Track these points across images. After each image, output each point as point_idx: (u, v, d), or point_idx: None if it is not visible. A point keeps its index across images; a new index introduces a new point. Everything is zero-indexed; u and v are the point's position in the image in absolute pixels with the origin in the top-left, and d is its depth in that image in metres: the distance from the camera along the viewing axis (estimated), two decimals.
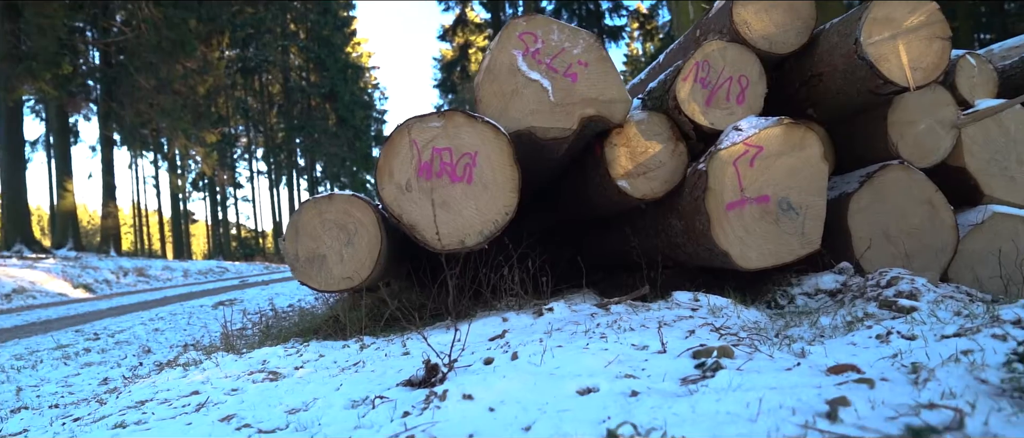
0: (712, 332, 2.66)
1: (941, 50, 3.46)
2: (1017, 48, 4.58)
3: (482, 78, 3.51)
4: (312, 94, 42.89)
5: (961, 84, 4.18)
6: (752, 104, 3.63)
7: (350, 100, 42.46)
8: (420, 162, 3.29)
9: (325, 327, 3.91)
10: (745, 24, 3.66)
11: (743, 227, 3.33)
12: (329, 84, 42.13)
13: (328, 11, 44.40)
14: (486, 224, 3.30)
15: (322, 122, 43.04)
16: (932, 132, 3.92)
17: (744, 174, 3.32)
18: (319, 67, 42.86)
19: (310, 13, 43.99)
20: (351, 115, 42.30)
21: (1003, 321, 2.13)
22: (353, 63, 46.06)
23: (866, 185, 3.62)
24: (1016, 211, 3.86)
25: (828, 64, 3.62)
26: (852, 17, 3.51)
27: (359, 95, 45.17)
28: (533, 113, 3.46)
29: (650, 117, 3.65)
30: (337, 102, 41.89)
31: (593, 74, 3.50)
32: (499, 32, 3.55)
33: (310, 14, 44.05)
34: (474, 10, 32.88)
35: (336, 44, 44.13)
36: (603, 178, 3.65)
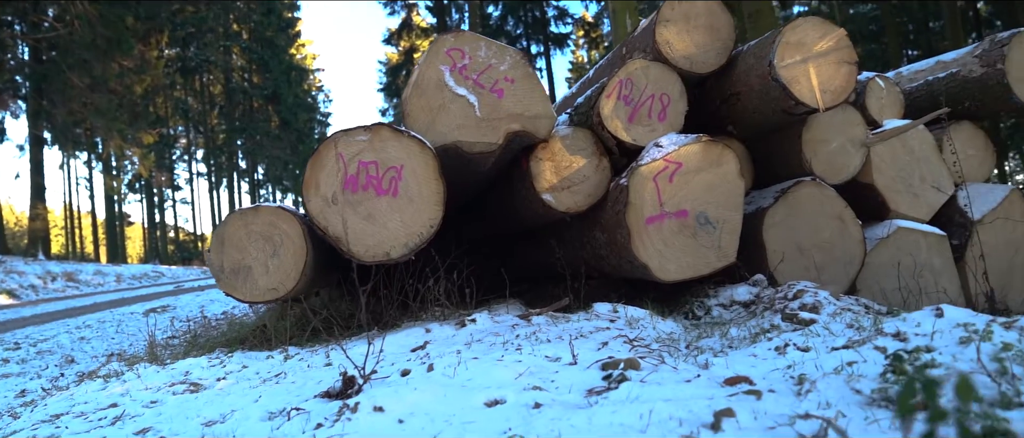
0: (625, 344, 2.76)
1: (848, 74, 3.65)
2: (923, 71, 4.84)
3: (410, 92, 3.56)
4: (254, 96, 42.14)
5: (871, 105, 4.41)
6: (673, 121, 3.76)
7: (293, 102, 41.87)
8: (346, 175, 3.32)
9: (252, 337, 3.90)
10: (667, 44, 3.79)
11: (662, 240, 3.45)
12: (272, 86, 41.46)
13: (272, 12, 43.72)
14: (411, 237, 3.35)
15: (264, 124, 42.33)
16: (843, 150, 4.12)
17: (664, 189, 3.44)
18: (262, 68, 42.15)
19: (253, 14, 43.25)
20: (294, 118, 41.71)
21: (885, 334, 2.27)
22: (297, 65, 45.45)
23: (781, 200, 3.79)
24: (918, 226, 4.08)
25: (745, 84, 3.78)
26: (767, 40, 3.68)
27: (303, 97, 44.58)
28: (460, 128, 3.52)
29: (575, 132, 3.75)
30: (280, 104, 41.26)
31: (519, 90, 3.58)
32: (427, 49, 3.60)
33: (253, 15, 43.31)
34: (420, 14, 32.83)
35: (280, 45, 43.48)
36: (529, 191, 3.73)
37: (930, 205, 4.31)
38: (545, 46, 28.63)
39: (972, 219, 4.21)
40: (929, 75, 4.77)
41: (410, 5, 29.77)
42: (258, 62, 42.00)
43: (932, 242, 4.07)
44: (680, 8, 3.85)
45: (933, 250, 4.07)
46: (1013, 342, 1.94)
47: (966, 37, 26.61)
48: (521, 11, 28.46)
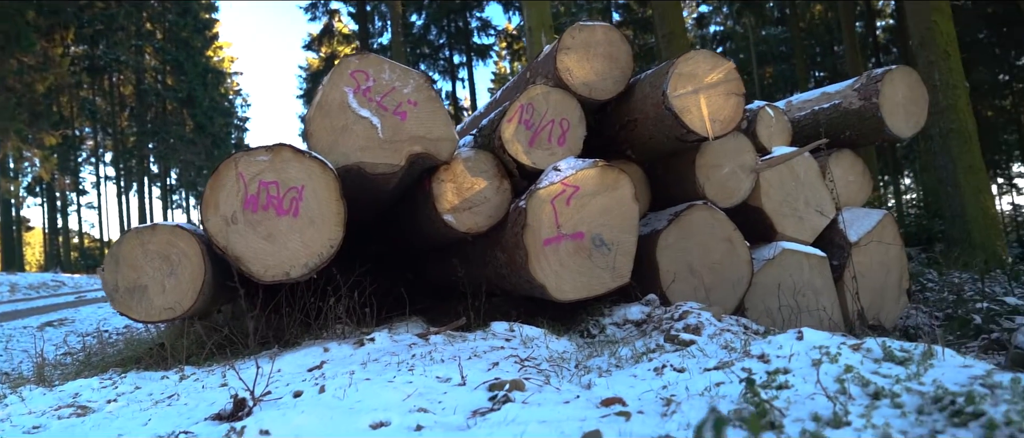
0: (516, 364, 2.86)
1: (736, 105, 3.87)
2: (810, 101, 5.15)
3: (313, 113, 3.58)
4: (168, 98, 40.72)
5: (761, 133, 4.66)
6: (572, 146, 3.90)
7: (209, 106, 40.68)
8: (247, 195, 3.32)
9: (149, 355, 3.82)
10: (568, 71, 3.93)
11: (559, 261, 3.57)
12: (187, 88, 40.17)
13: (188, 12, 42.42)
14: (311, 257, 3.37)
15: (178, 128, 40.93)
16: (734, 175, 4.35)
17: (561, 212, 3.57)
18: (176, 70, 40.78)
19: (168, 13, 41.84)
20: (210, 122, 40.51)
21: (752, 356, 2.44)
22: (214, 68, 44.19)
23: (674, 223, 3.97)
24: (801, 248, 4.34)
25: (641, 112, 3.95)
26: (661, 70, 3.86)
27: (219, 101, 43.36)
28: (362, 149, 3.56)
29: (477, 155, 3.85)
30: (195, 108, 40.00)
31: (422, 113, 3.65)
32: (331, 69, 3.63)
33: (168, 14, 41.90)
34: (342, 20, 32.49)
35: (196, 47, 42.18)
36: (431, 212, 3.80)
37: (813, 228, 4.59)
38: (468, 56, 28.77)
39: (850, 241, 4.50)
40: (815, 105, 5.08)
41: (332, 11, 29.42)
42: (172, 63, 40.62)
43: (814, 263, 4.34)
44: (580, 37, 4.00)
45: (815, 270, 4.34)
46: (855, 365, 2.13)
47: (865, 61, 28.16)
48: (444, 21, 28.52)
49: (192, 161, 40.46)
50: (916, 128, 4.78)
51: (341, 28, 31.63)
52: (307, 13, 28.74)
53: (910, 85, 4.73)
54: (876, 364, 2.20)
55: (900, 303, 4.73)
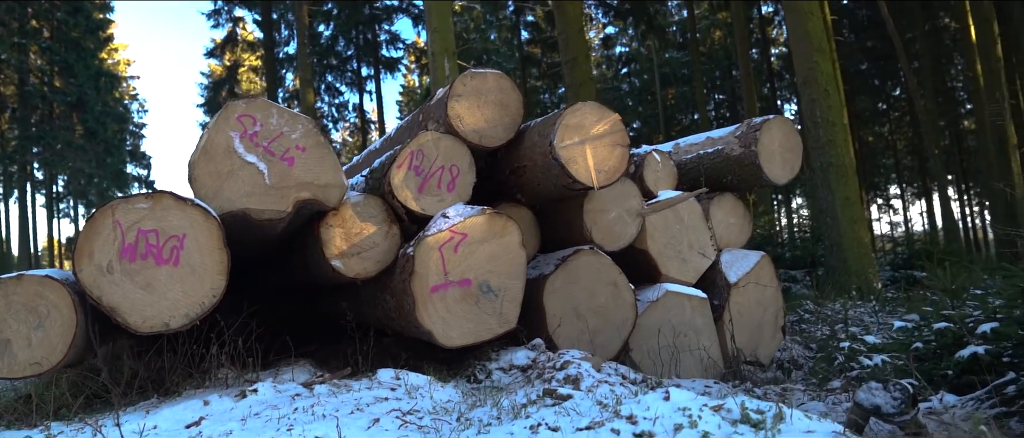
0: (397, 419, 2.88)
1: (621, 155, 4.02)
2: (696, 145, 5.40)
3: (198, 157, 3.50)
4: (55, 101, 38.45)
5: (647, 177, 4.85)
6: (462, 192, 3.96)
7: (102, 111, 38.62)
8: (124, 244, 3.21)
9: (12, 410, 3.61)
10: (458, 118, 3.99)
11: (446, 308, 3.61)
12: (77, 92, 38.02)
13: (80, 11, 40.20)
14: (192, 306, 3.29)
15: (67, 133, 38.69)
16: (621, 220, 4.51)
17: (448, 259, 3.62)
18: (65, 72, 38.58)
19: (57, 11, 39.57)
20: (102, 128, 38.47)
21: (621, 416, 2.55)
22: (108, 71, 42.02)
23: (561, 268, 4.09)
24: (684, 290, 4.54)
25: (530, 159, 4.05)
26: (549, 120, 3.98)
27: (113, 106, 41.22)
28: (248, 195, 3.51)
29: (366, 200, 3.85)
30: (86, 113, 37.91)
31: (310, 159, 3.63)
32: (218, 112, 3.57)
33: (57, 12, 39.62)
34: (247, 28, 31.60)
35: (88, 48, 40.00)
36: (319, 257, 3.78)
37: (696, 269, 4.81)
38: (376, 69, 28.49)
39: (729, 282, 4.74)
40: (701, 149, 5.32)
41: (236, 19, 28.56)
42: (61, 65, 38.42)
43: (695, 304, 4.54)
44: (472, 84, 4.07)
45: (696, 311, 4.54)
46: (712, 431, 2.27)
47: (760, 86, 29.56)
48: (353, 32, 28.16)
49: (82, 169, 38.32)
50: (792, 174, 5.08)
51: (246, 36, 30.75)
52: (210, 20, 27.81)
53: (786, 134, 5.03)
54: (733, 426, 2.35)
55: (776, 339, 5.01)
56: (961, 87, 30.97)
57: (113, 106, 41.55)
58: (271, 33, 27.01)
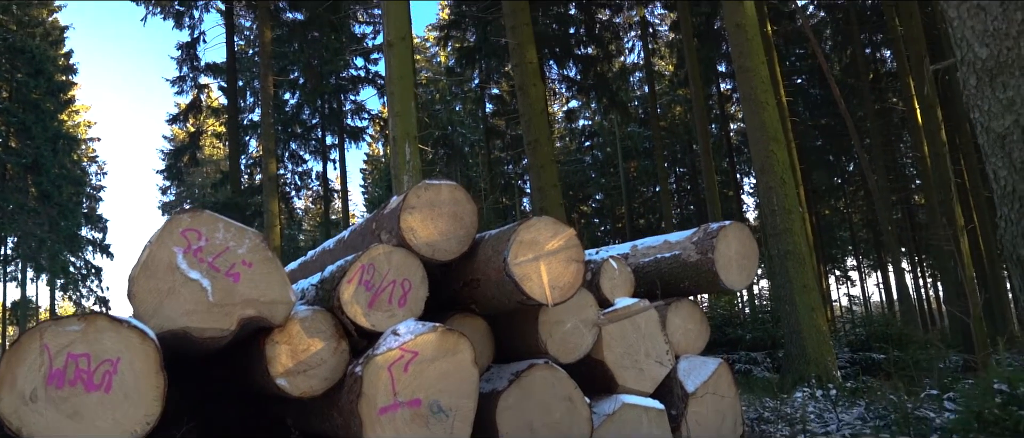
0: None
1: (577, 271, 3.98)
2: (653, 248, 5.40)
3: (138, 272, 3.37)
4: (9, 162, 37.65)
5: (604, 285, 4.81)
6: (413, 307, 3.86)
7: (58, 174, 37.85)
8: (51, 369, 3.04)
9: None
10: (411, 231, 3.93)
11: (394, 429, 3.47)
12: (34, 154, 37.33)
13: (41, 73, 39.79)
14: (124, 434, 3.11)
15: (20, 195, 37.80)
16: (577, 331, 4.44)
17: (398, 379, 3.50)
18: (22, 133, 37.92)
19: (17, 72, 39.11)
20: (57, 191, 37.64)
21: None
22: (67, 133, 41.38)
23: (514, 384, 3.98)
24: (641, 401, 4.46)
25: (484, 273, 3.99)
26: (504, 235, 3.93)
27: (71, 169, 40.47)
28: (189, 313, 3.37)
29: (314, 315, 3.74)
30: (41, 175, 37.13)
31: (256, 274, 3.52)
32: (161, 226, 3.45)
33: (17, 73, 39.16)
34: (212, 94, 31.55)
35: (47, 110, 39.46)
36: (264, 375, 3.63)
37: (654, 378, 4.74)
38: (340, 138, 28.50)
39: (687, 392, 4.67)
40: (658, 253, 5.32)
41: (201, 86, 28.46)
42: (17, 126, 37.80)
43: (652, 416, 4.45)
44: (425, 196, 4.02)
45: (653, 423, 4.45)
46: None
47: (720, 160, 30.20)
48: (318, 101, 28.25)
49: (33, 232, 37.32)
50: (748, 280, 5.09)
51: (210, 102, 30.64)
52: (174, 87, 27.64)
53: (742, 241, 5.06)
54: None
55: None
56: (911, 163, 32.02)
57: (70, 169, 40.79)
58: (236, 100, 26.95)
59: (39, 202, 37.97)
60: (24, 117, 37.96)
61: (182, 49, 27.10)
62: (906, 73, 20.66)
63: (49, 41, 43.30)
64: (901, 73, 21.37)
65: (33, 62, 39.22)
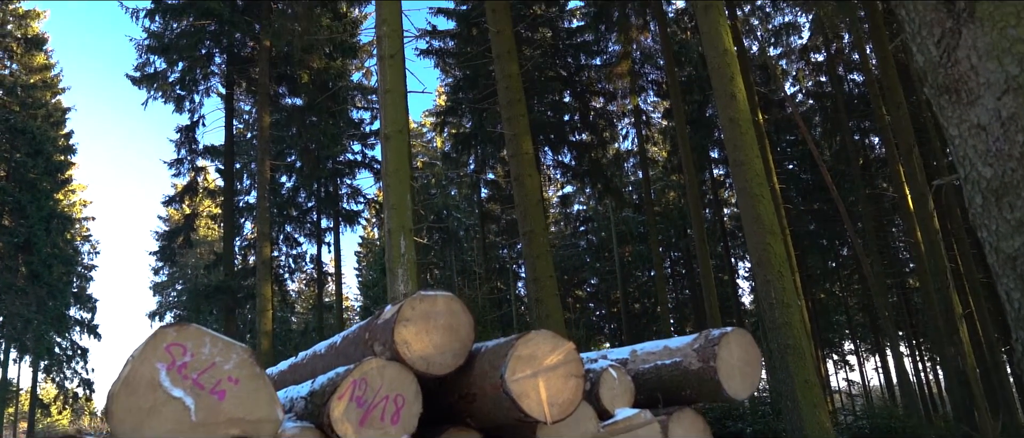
0: None
1: (576, 387, 3.84)
2: (654, 354, 5.26)
3: (118, 390, 3.21)
4: (1, 241, 37.47)
5: (603, 395, 4.66)
6: (407, 424, 3.70)
7: (49, 254, 37.66)
8: None
9: None
10: (405, 344, 3.80)
11: None
12: (26, 233, 37.21)
13: (40, 153, 40.10)
14: None
15: (9, 275, 37.45)
16: None
17: None
18: (16, 212, 37.89)
19: (17, 152, 39.37)
20: (48, 271, 37.36)
21: None
22: (61, 212, 41.40)
23: None
24: None
25: (480, 388, 3.85)
26: (501, 350, 3.80)
27: (63, 249, 40.28)
28: (170, 432, 3.21)
29: (302, 433, 3.57)
30: (32, 255, 36.92)
31: (243, 392, 3.37)
32: (145, 341, 3.32)
33: (16, 153, 39.42)
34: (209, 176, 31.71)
35: (44, 189, 39.57)
36: None
37: None
38: (335, 222, 28.51)
39: None
40: (658, 359, 5.18)
41: (198, 168, 28.64)
42: (13, 205, 37.82)
43: None
44: (421, 307, 3.91)
45: None
46: None
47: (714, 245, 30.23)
48: (314, 185, 28.39)
49: (20, 313, 36.83)
50: (752, 389, 4.93)
51: (207, 184, 30.78)
52: (171, 169, 27.80)
53: (745, 347, 4.93)
54: None
55: None
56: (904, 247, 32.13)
57: (63, 248, 40.61)
58: (232, 182, 27.06)
59: (28, 281, 37.61)
60: (20, 196, 38.06)
61: (181, 132, 27.39)
62: (895, 160, 20.94)
63: (50, 122, 43.83)
64: (890, 160, 21.67)
65: (33, 142, 39.60)
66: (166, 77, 25.44)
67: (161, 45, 24.84)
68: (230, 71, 25.31)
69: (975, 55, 3.19)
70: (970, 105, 3.19)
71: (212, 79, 26.16)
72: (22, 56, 42.89)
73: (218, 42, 25.07)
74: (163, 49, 24.80)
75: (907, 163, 19.47)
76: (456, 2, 23.08)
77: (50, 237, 38.81)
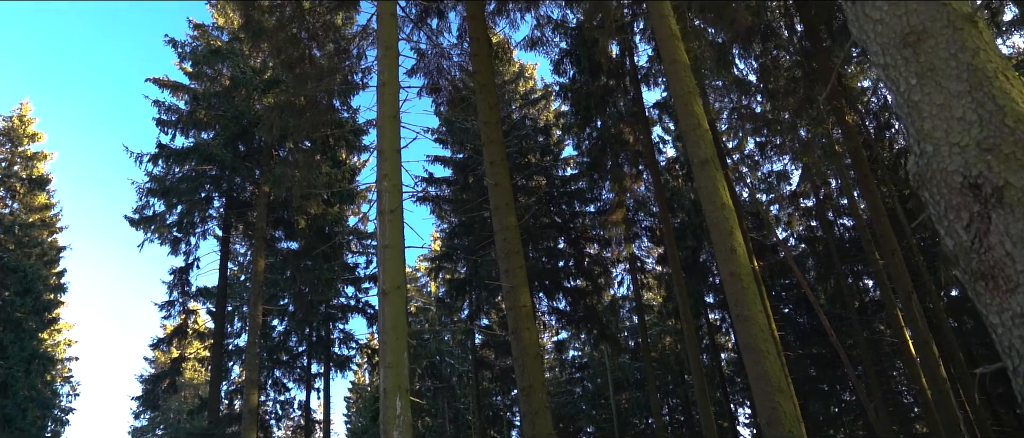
0: None
1: None
2: None
3: None
4: None
5: None
6: None
7: (26, 397, 36.41)
8: None
9: None
10: None
11: None
12: (4, 375, 36.12)
13: (29, 292, 39.63)
14: None
15: None
16: None
17: None
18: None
19: (6, 290, 38.89)
20: (22, 415, 36.00)
21: None
22: (44, 353, 40.39)
23: None
24: None
25: None
26: None
27: (41, 391, 39.02)
28: None
29: None
30: (7, 398, 35.68)
31: None
32: None
33: (5, 291, 38.92)
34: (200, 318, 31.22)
35: (29, 329, 38.79)
36: None
37: None
38: (326, 367, 27.83)
39: None
40: None
41: (190, 311, 28.20)
42: None
43: None
44: None
45: None
46: None
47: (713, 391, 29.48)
48: (306, 329, 27.92)
49: None
50: None
51: (198, 326, 30.23)
52: (162, 311, 27.35)
53: None
54: None
55: None
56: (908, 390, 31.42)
57: (41, 391, 39.30)
58: (223, 325, 26.58)
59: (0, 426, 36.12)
60: (2, 336, 37.27)
61: (175, 274, 27.18)
62: (893, 306, 20.77)
63: (44, 260, 43.71)
64: (888, 305, 21.49)
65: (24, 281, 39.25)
66: (164, 220, 25.54)
67: (162, 188, 25.11)
68: (228, 214, 25.47)
69: (1009, 242, 3.08)
70: (1010, 293, 3.05)
71: (210, 222, 26.27)
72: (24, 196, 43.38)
73: (218, 186, 25.37)
74: (163, 192, 25.05)
75: (906, 308, 19.28)
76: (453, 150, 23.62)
77: (29, 379, 37.65)
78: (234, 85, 25.27)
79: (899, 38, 3.52)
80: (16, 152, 42.39)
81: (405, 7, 16.89)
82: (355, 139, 25.13)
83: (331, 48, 17.23)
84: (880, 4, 3.62)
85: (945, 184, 3.27)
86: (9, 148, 41.79)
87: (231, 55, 25.81)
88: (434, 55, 17.34)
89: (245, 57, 25.63)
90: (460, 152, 23.50)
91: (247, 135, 24.82)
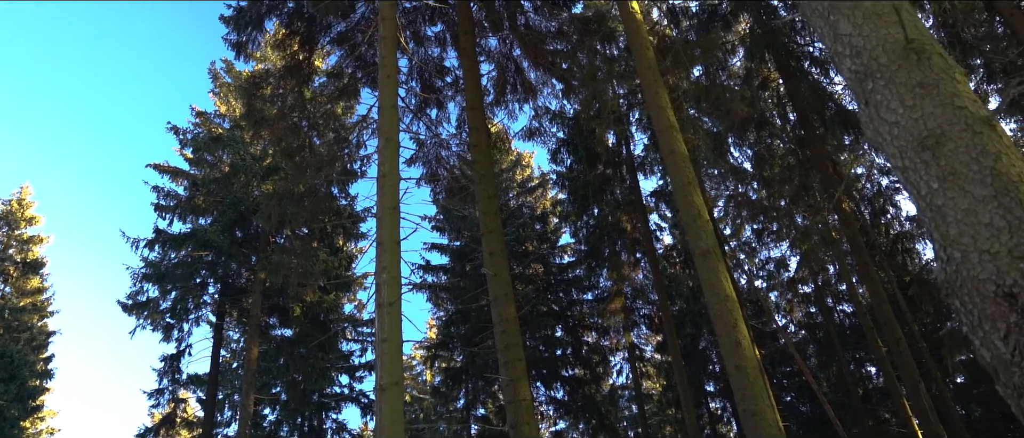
0: None
1: None
2: None
3: None
4: None
5: None
6: None
7: None
8: None
9: None
10: None
11: None
12: None
13: (15, 379, 38.82)
14: None
15: None
16: None
17: None
18: None
19: None
20: None
21: None
22: None
23: None
24: None
25: None
26: None
27: None
28: None
29: None
30: None
31: None
32: None
33: None
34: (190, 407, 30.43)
35: (11, 416, 37.82)
36: None
37: None
38: None
39: None
40: None
41: (179, 399, 27.56)
42: None
43: None
44: None
45: None
46: None
47: None
48: (298, 418, 27.24)
49: None
50: None
51: (187, 415, 29.47)
52: (151, 399, 26.73)
53: None
54: None
55: None
56: None
57: None
58: (213, 413, 25.91)
59: None
60: None
61: (166, 361, 26.67)
62: (899, 394, 20.36)
63: (33, 345, 43.01)
64: (892, 392, 21.09)
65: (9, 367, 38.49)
66: (157, 306, 25.21)
67: (157, 273, 24.90)
68: (222, 301, 25.20)
69: None
70: None
71: (203, 308, 25.96)
72: (17, 279, 43.00)
73: (213, 272, 25.19)
74: (158, 277, 24.83)
75: (914, 399, 18.91)
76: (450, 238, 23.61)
77: None
78: (234, 172, 25.46)
79: (917, 141, 3.47)
80: (12, 235, 42.28)
81: (405, 97, 17.17)
82: (353, 227, 25.14)
83: (331, 137, 17.40)
84: (895, 107, 3.60)
85: (978, 293, 3.16)
86: (6, 231, 41.72)
87: (232, 142, 26.10)
88: (433, 144, 17.52)
89: (246, 144, 25.91)
90: (457, 240, 23.48)
91: (245, 221, 24.84)
